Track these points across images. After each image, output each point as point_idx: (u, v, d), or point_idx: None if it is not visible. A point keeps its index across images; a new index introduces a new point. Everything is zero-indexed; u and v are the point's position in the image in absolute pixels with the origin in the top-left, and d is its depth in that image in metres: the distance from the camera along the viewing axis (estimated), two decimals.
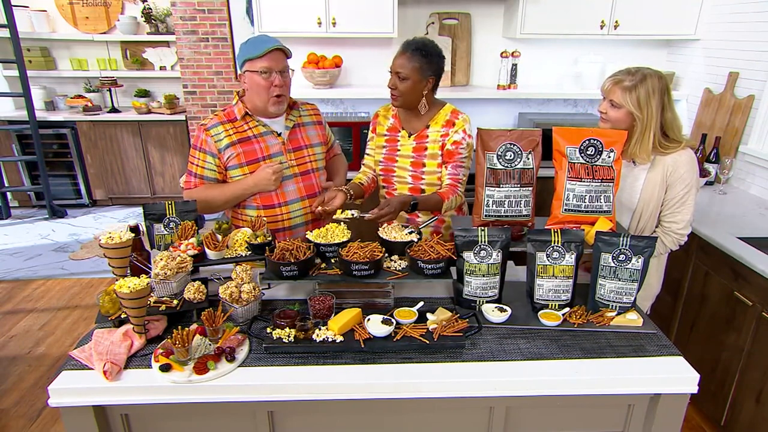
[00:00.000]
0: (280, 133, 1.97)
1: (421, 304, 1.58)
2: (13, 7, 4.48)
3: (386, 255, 1.66)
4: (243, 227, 1.86)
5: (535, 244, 1.57)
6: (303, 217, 2.04)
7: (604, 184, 1.64)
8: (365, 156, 2.28)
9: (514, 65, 3.42)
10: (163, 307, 1.52)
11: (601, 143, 1.63)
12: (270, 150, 1.95)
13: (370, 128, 2.24)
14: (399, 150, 2.11)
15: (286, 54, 1.88)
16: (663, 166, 1.79)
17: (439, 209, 2.00)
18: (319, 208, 1.93)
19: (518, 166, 1.67)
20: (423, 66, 1.93)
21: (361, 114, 3.49)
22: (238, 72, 1.91)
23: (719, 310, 2.25)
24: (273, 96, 1.86)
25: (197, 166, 1.93)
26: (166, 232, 1.74)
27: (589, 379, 1.36)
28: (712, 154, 2.98)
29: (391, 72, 1.99)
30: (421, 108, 2.04)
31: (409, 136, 2.09)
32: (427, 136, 2.06)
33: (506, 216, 1.70)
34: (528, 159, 1.67)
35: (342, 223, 1.82)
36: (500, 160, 1.66)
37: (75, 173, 5.22)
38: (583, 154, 1.64)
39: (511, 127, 2.14)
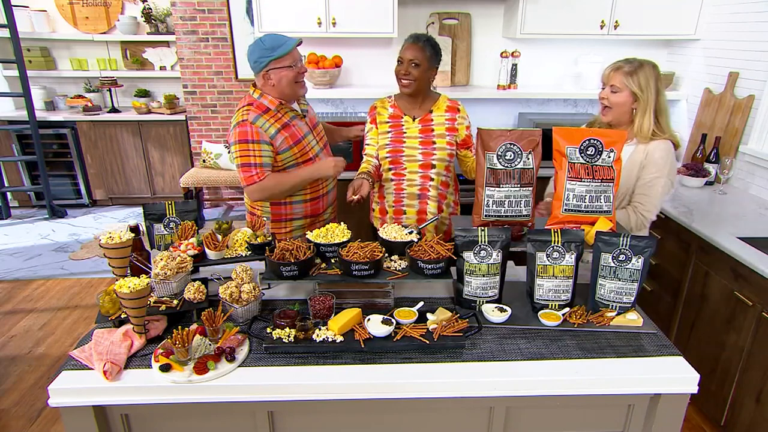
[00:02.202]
0: (305, 115, 2.18)
1: (421, 304, 1.58)
2: (13, 7, 4.47)
3: (386, 255, 1.66)
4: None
5: (535, 244, 1.57)
6: (330, 216, 2.35)
7: (604, 184, 1.64)
8: (366, 146, 2.34)
9: (514, 65, 3.42)
10: (163, 307, 1.52)
11: (601, 143, 1.63)
12: (302, 131, 2.14)
13: (369, 120, 2.32)
14: (405, 132, 2.22)
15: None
16: (644, 148, 1.93)
17: None
18: (355, 197, 2.06)
19: (518, 166, 1.67)
20: (432, 56, 2.14)
21: (361, 114, 3.48)
22: (258, 72, 2.03)
23: (719, 310, 2.25)
24: (299, 81, 2.07)
25: (255, 156, 2.00)
26: (166, 232, 1.74)
27: (589, 379, 1.36)
28: (712, 154, 2.98)
29: (401, 61, 2.14)
30: (428, 91, 2.24)
31: (414, 120, 2.21)
32: (432, 120, 2.22)
33: (506, 216, 1.70)
34: (528, 159, 1.67)
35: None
36: (500, 160, 1.66)
37: (75, 173, 5.22)
38: (583, 154, 1.64)
39: (511, 127, 2.14)
